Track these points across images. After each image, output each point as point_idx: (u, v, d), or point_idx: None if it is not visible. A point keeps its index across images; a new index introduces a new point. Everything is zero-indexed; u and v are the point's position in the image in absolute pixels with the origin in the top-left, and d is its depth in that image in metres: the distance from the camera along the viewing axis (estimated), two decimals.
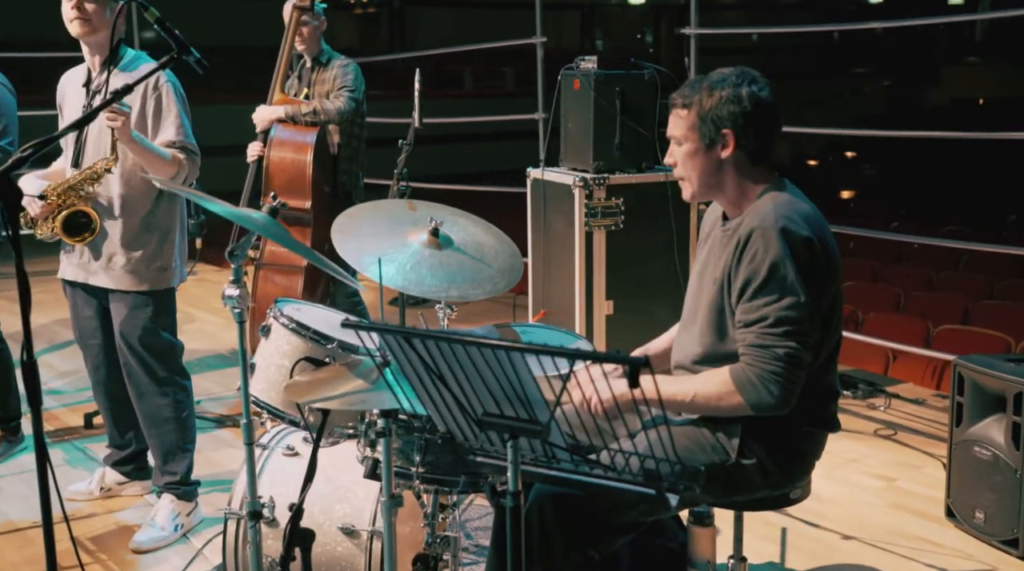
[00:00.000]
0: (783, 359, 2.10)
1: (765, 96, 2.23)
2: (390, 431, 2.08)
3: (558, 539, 2.13)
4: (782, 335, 2.11)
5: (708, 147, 2.24)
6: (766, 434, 2.21)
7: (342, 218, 2.76)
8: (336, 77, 4.60)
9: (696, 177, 2.28)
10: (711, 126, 2.21)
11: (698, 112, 2.23)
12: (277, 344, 2.57)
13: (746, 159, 2.24)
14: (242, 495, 2.69)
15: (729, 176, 2.26)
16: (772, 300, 2.12)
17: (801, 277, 2.11)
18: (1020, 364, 3.21)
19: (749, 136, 2.21)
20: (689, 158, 2.26)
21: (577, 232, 4.19)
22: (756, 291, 2.14)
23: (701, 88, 2.24)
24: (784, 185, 2.28)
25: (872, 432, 4.26)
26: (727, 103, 2.20)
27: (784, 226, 2.12)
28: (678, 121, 2.27)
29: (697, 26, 4.94)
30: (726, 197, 2.30)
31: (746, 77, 2.23)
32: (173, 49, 2.20)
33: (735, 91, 2.20)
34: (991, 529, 3.21)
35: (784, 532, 3.36)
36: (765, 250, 2.12)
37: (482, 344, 1.59)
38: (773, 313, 2.12)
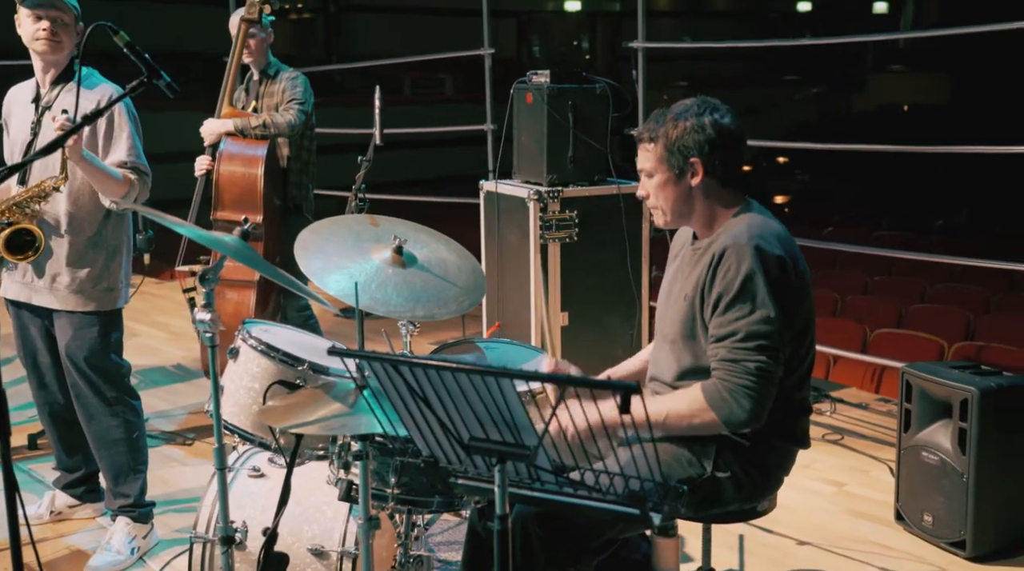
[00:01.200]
0: (754, 373, 2.15)
1: (727, 123, 2.29)
2: (367, 454, 2.08)
3: (540, 558, 2.15)
4: (753, 349, 2.16)
5: (678, 177, 2.30)
6: (739, 448, 2.26)
7: (305, 234, 2.73)
8: (285, 90, 4.56)
9: (669, 206, 2.34)
10: (679, 156, 2.28)
11: (665, 144, 2.29)
12: (246, 366, 2.54)
13: (716, 184, 2.31)
14: (208, 518, 2.67)
15: (700, 202, 2.32)
16: (744, 314, 2.17)
17: (773, 293, 2.16)
18: (964, 371, 3.33)
19: (716, 162, 2.28)
20: (661, 189, 2.33)
21: (532, 244, 4.22)
22: (728, 305, 2.19)
23: (665, 121, 2.31)
24: (754, 206, 2.34)
25: (820, 437, 4.37)
26: (692, 133, 2.27)
27: (757, 244, 2.18)
28: (646, 154, 2.34)
29: (645, 39, 5.01)
30: (698, 221, 2.36)
31: (707, 106, 2.31)
32: (143, 73, 2.17)
33: (698, 120, 2.27)
34: (939, 531, 3.32)
35: (741, 539, 3.43)
36: (738, 266, 2.18)
37: (472, 371, 1.61)
38: (744, 328, 2.17)
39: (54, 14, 3.11)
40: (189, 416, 4.83)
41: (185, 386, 5.32)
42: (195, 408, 4.93)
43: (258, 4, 4.49)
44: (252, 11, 4.49)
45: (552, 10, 21.39)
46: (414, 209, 5.01)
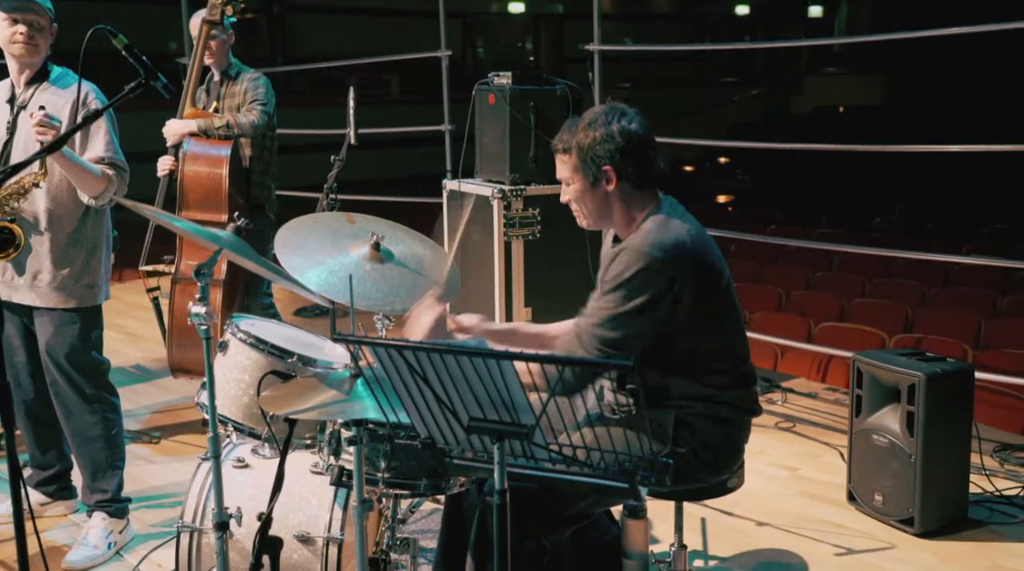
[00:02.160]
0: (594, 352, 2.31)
1: (635, 128, 2.40)
2: (361, 438, 2.17)
3: (513, 529, 2.25)
4: (599, 342, 2.31)
5: (593, 184, 2.42)
6: (695, 423, 2.40)
7: (284, 231, 2.81)
8: (247, 90, 4.61)
9: (589, 211, 2.48)
10: (592, 165, 2.40)
11: (578, 154, 2.41)
12: (236, 359, 2.61)
13: (630, 187, 2.43)
14: (194, 508, 2.73)
15: (617, 206, 2.45)
16: (608, 303, 2.32)
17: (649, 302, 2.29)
18: (911, 358, 3.53)
19: (628, 168, 2.39)
20: (580, 196, 2.46)
21: (496, 242, 4.33)
22: (611, 287, 2.33)
23: (577, 131, 2.42)
24: (671, 207, 2.46)
25: (773, 425, 4.56)
26: (602, 142, 2.37)
27: (650, 249, 2.31)
28: (562, 165, 2.47)
29: (600, 42, 5.16)
30: (617, 224, 2.50)
31: (615, 113, 2.41)
32: (140, 74, 2.23)
33: (607, 130, 2.38)
34: (889, 510, 3.51)
35: (703, 522, 3.59)
36: (631, 258, 2.32)
37: (475, 354, 1.72)
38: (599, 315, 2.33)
39: (31, 18, 3.14)
40: (152, 415, 4.85)
41: (146, 386, 5.33)
42: (158, 407, 4.96)
43: (220, 5, 4.53)
44: (214, 12, 4.53)
45: (496, 12, 21.51)
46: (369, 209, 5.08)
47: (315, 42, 16.92)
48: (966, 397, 3.49)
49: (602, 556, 2.89)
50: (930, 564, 3.27)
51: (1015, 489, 3.75)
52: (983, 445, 4.12)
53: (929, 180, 13.04)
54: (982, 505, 3.65)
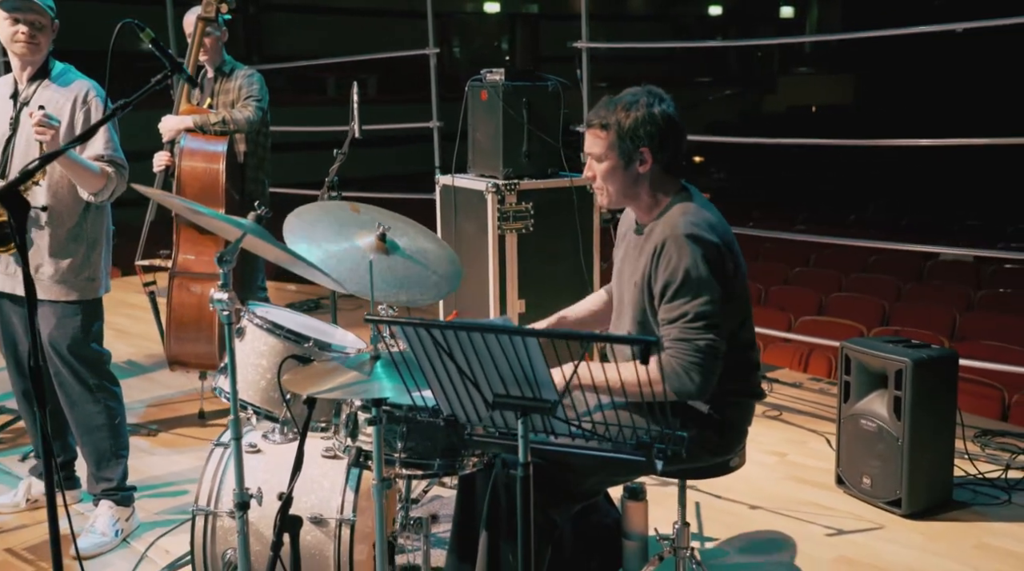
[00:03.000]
0: (704, 350, 2.36)
1: (673, 113, 2.47)
2: (381, 419, 2.24)
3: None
4: (702, 328, 2.36)
5: (627, 164, 2.47)
6: (703, 410, 2.49)
7: (292, 218, 2.87)
8: (241, 87, 4.66)
9: (615, 190, 2.51)
10: (630, 145, 2.44)
11: (617, 132, 2.45)
12: (253, 345, 2.67)
13: (660, 171, 2.49)
14: (209, 491, 2.79)
15: (644, 188, 2.50)
16: (689, 299, 2.37)
17: (712, 276, 2.37)
18: (898, 344, 3.64)
19: (664, 151, 2.46)
20: (609, 174, 2.49)
21: (490, 235, 4.41)
22: (675, 293, 2.38)
23: (617, 109, 2.46)
24: (691, 194, 2.54)
25: (761, 414, 4.67)
26: (644, 123, 2.43)
27: (693, 233, 2.38)
28: (596, 141, 2.49)
29: (588, 40, 5.26)
30: (640, 206, 2.54)
31: (656, 96, 2.47)
32: (166, 67, 2.29)
33: (648, 111, 2.43)
34: (877, 492, 3.63)
35: (698, 506, 3.69)
36: (679, 256, 2.37)
37: (501, 332, 1.80)
38: (692, 310, 2.36)
39: (32, 17, 3.18)
40: (148, 409, 4.89)
41: (139, 380, 5.36)
42: (153, 401, 4.99)
43: (215, 3, 4.58)
44: (209, 10, 4.58)
45: (472, 12, 21.58)
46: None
47: (291, 41, 16.92)
48: (951, 382, 3.61)
49: (603, 538, 2.99)
50: (919, 543, 3.39)
51: (997, 472, 3.89)
52: (965, 431, 4.26)
53: (902, 178, 13.28)
54: (966, 487, 3.77)
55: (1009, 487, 3.76)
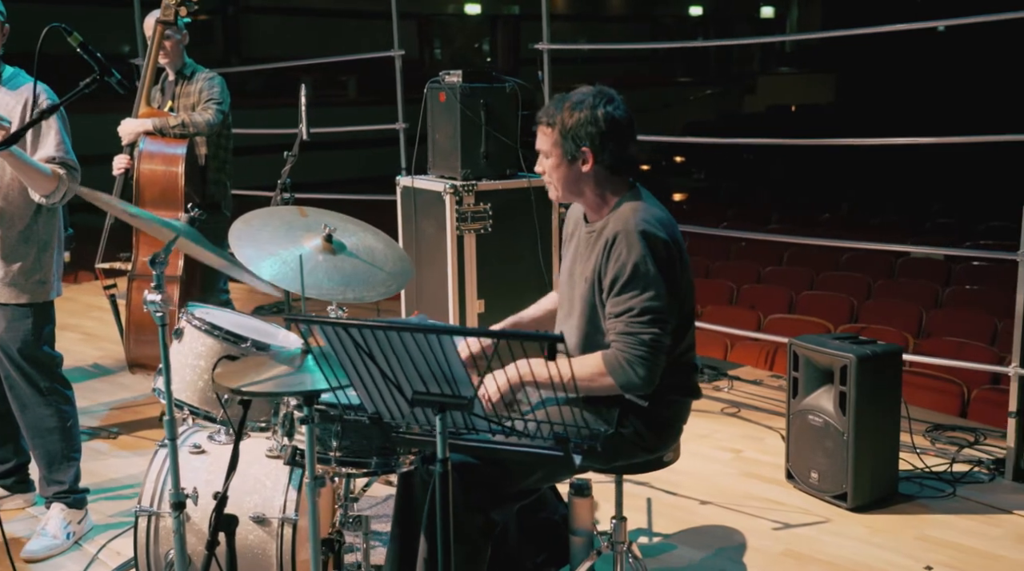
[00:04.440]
0: (648, 344, 2.40)
1: (620, 115, 2.51)
2: (313, 417, 2.27)
3: (460, 502, 2.36)
4: (646, 323, 2.40)
5: (570, 162, 2.52)
6: (640, 406, 2.52)
7: (238, 224, 2.90)
8: (202, 90, 4.67)
9: (560, 185, 2.57)
10: (572, 144, 2.49)
11: (560, 131, 2.50)
12: (191, 345, 2.69)
13: (604, 171, 2.53)
14: (152, 493, 2.81)
15: (589, 186, 2.55)
16: (636, 293, 2.41)
17: (660, 273, 2.41)
18: (844, 341, 3.69)
19: (606, 152, 2.50)
20: (554, 170, 2.55)
21: (449, 236, 4.45)
22: (623, 287, 2.42)
23: (563, 108, 2.51)
24: (640, 193, 2.58)
25: (719, 411, 4.72)
26: (585, 124, 2.47)
27: (644, 229, 2.43)
28: (543, 137, 2.55)
29: (550, 41, 5.30)
30: (587, 203, 2.59)
31: (603, 98, 2.51)
32: (95, 71, 2.31)
33: (592, 113, 2.47)
34: (824, 486, 3.67)
35: (649, 502, 3.73)
36: (628, 251, 2.42)
37: (416, 330, 1.83)
38: (638, 305, 2.41)
39: None
40: (110, 412, 4.90)
41: (103, 384, 5.37)
42: (116, 404, 5.00)
43: (173, 6, 4.59)
44: (168, 13, 4.59)
45: (453, 13, 21.61)
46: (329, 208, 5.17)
47: (270, 43, 16.92)
48: (895, 377, 3.66)
49: (550, 534, 3.02)
50: (862, 536, 3.44)
51: (943, 465, 3.94)
52: (919, 426, 4.32)
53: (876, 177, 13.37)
54: (913, 481, 3.83)
55: (954, 480, 3.81)
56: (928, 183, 12.55)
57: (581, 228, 2.65)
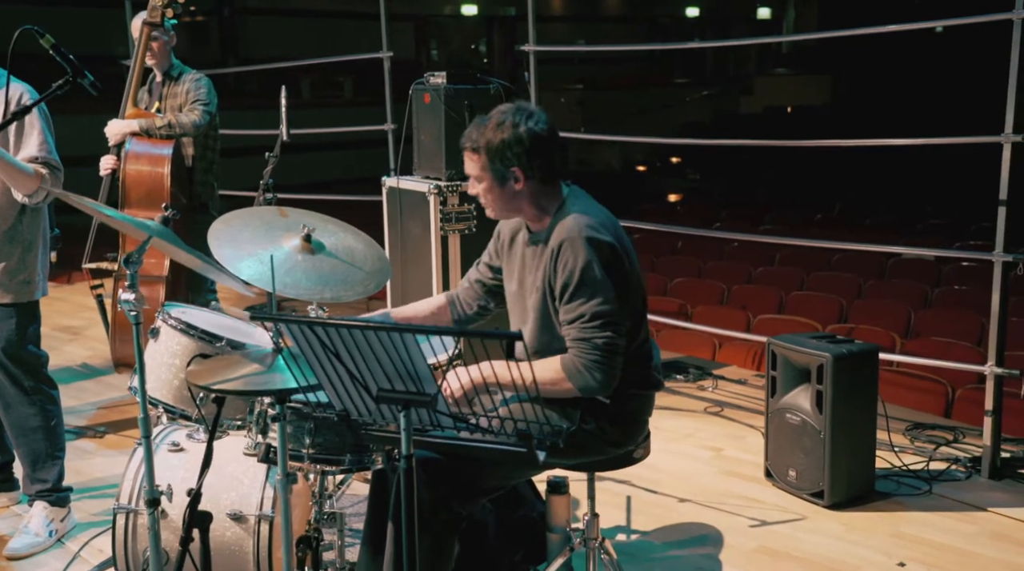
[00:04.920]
0: (602, 348, 2.44)
1: (541, 129, 2.52)
2: (284, 415, 2.30)
3: (425, 497, 2.39)
4: (599, 327, 2.44)
5: (502, 183, 2.54)
6: (602, 402, 2.55)
7: (217, 225, 2.93)
8: (189, 91, 4.71)
9: (496, 206, 2.60)
10: (500, 165, 2.51)
11: (487, 154, 2.52)
12: (167, 344, 2.72)
13: (537, 185, 2.56)
14: (130, 490, 2.84)
15: (525, 202, 2.58)
16: (586, 299, 2.45)
17: (608, 276, 2.45)
18: (821, 340, 3.72)
19: (535, 167, 2.52)
20: (488, 192, 2.58)
21: (433, 236, 4.48)
22: (572, 294, 2.47)
23: (485, 131, 2.52)
24: (578, 197, 2.61)
25: (702, 410, 4.75)
26: (511, 145, 2.49)
27: (588, 236, 2.46)
28: (471, 163, 2.57)
29: (535, 43, 5.32)
30: (527, 216, 2.63)
31: (523, 115, 2.53)
32: (68, 73, 2.34)
33: (514, 132, 2.49)
34: (802, 484, 3.70)
35: (628, 499, 3.76)
36: (575, 258, 2.45)
37: (378, 328, 1.86)
38: (589, 310, 2.45)
39: None
40: (98, 411, 4.92)
41: (92, 383, 5.39)
42: (104, 404, 5.03)
43: (160, 8, 4.63)
44: (154, 15, 4.62)
45: (449, 14, 21.64)
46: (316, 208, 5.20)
47: (267, 44, 16.94)
48: (871, 376, 3.69)
49: (528, 531, 3.05)
50: (837, 533, 3.47)
51: (921, 464, 3.97)
52: (899, 425, 4.35)
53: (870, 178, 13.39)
54: (890, 479, 3.86)
55: (931, 478, 3.84)
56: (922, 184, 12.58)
57: (522, 239, 2.68)
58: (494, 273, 2.81)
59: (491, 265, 2.82)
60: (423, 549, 2.40)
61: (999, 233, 3.78)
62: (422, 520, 2.39)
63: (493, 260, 2.81)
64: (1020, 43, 3.60)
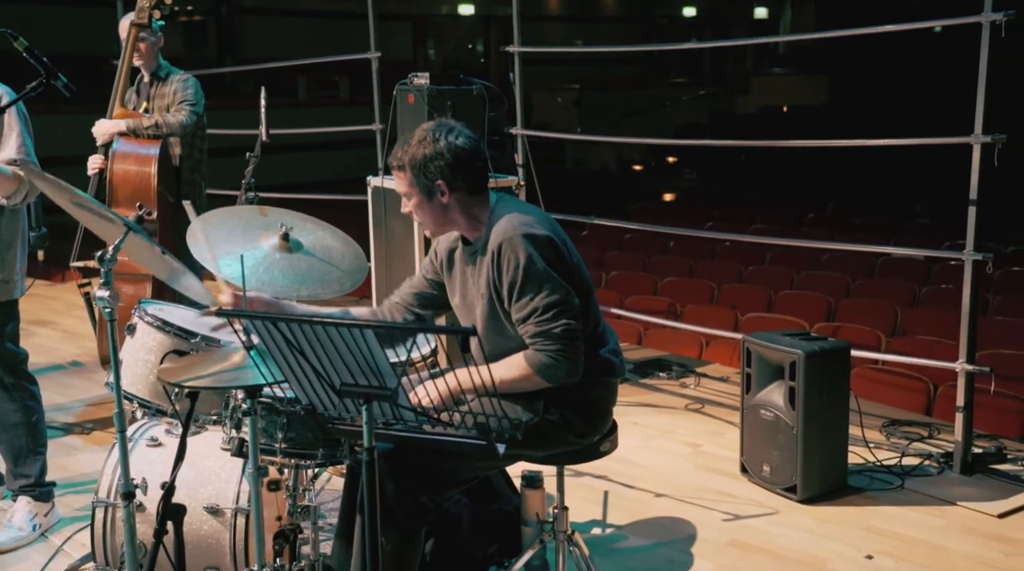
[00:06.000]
0: (561, 336, 2.50)
1: (462, 142, 2.58)
2: (255, 410, 2.35)
3: (390, 487, 2.45)
4: (553, 317, 2.51)
5: (429, 197, 2.60)
6: (562, 392, 2.60)
7: (196, 223, 2.98)
8: (176, 91, 4.75)
9: (430, 221, 2.66)
10: (425, 181, 2.57)
11: (412, 171, 2.58)
12: (143, 341, 2.78)
13: (465, 196, 2.61)
14: (109, 484, 2.90)
15: (456, 213, 2.63)
16: (534, 295, 2.51)
17: (551, 267, 2.52)
18: (795, 337, 3.78)
19: (459, 179, 2.58)
20: (418, 208, 2.64)
21: (416, 235, 4.53)
22: (520, 292, 2.53)
23: (409, 149, 2.58)
24: (507, 201, 2.67)
25: (683, 407, 4.81)
26: (433, 159, 2.55)
27: (524, 232, 2.52)
28: (399, 181, 2.63)
29: (520, 44, 5.38)
30: (461, 228, 2.68)
31: (443, 129, 2.59)
32: (41, 75, 2.40)
33: (435, 147, 2.55)
34: (775, 479, 3.76)
35: (606, 494, 3.81)
36: (516, 256, 2.51)
37: (338, 324, 1.91)
38: (541, 303, 2.51)
39: None
40: (86, 408, 4.98)
41: (81, 381, 5.44)
42: (92, 401, 5.08)
43: (147, 9, 4.67)
44: (142, 16, 4.67)
45: (446, 14, 21.69)
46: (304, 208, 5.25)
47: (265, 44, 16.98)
48: (843, 373, 3.75)
49: (503, 525, 3.10)
50: (808, 526, 3.52)
51: (895, 459, 4.02)
52: (875, 421, 4.41)
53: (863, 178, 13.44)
54: (863, 474, 3.91)
55: (904, 473, 3.90)
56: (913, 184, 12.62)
57: (459, 253, 2.73)
58: (432, 284, 2.82)
59: (427, 277, 2.83)
60: (390, 541, 2.45)
61: (969, 232, 3.83)
62: (388, 512, 2.45)
63: (429, 273, 2.83)
64: (989, 45, 3.65)
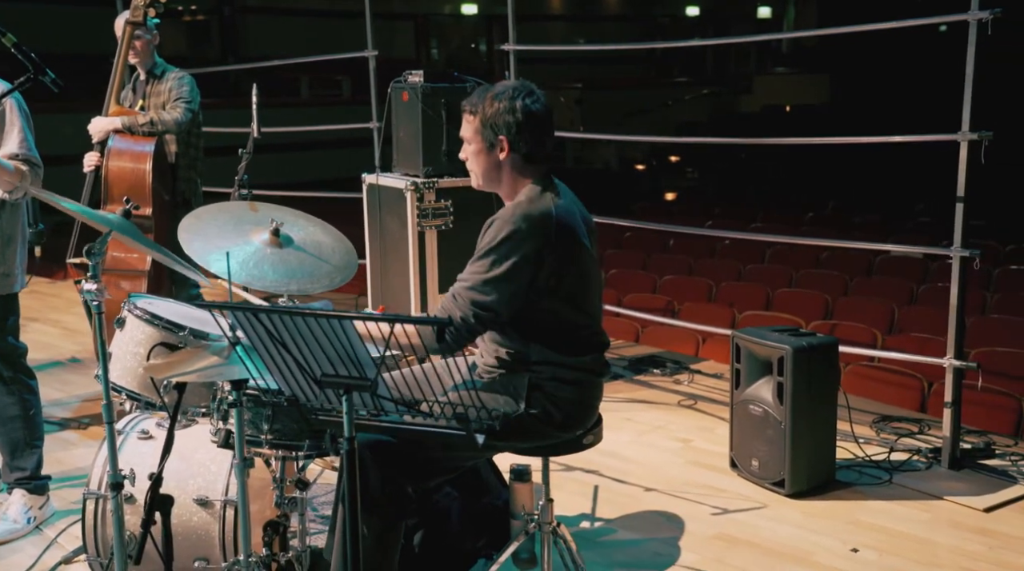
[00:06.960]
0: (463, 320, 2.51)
1: (537, 109, 2.64)
2: (241, 402, 2.38)
3: (374, 474, 2.48)
4: (467, 304, 2.52)
5: (489, 149, 2.67)
6: (547, 386, 2.63)
7: (188, 218, 3.02)
8: (172, 89, 4.79)
9: (480, 172, 2.73)
10: (490, 132, 2.64)
11: (481, 119, 2.65)
12: (132, 334, 2.81)
13: (520, 160, 2.66)
14: (100, 477, 2.93)
15: (506, 173, 2.69)
16: (482, 270, 2.55)
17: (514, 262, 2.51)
18: (783, 333, 3.80)
19: (521, 142, 2.63)
20: (475, 156, 2.71)
21: (410, 232, 4.56)
22: (479, 255, 2.58)
23: (485, 98, 2.66)
24: (547, 184, 2.68)
25: (676, 403, 4.83)
26: (503, 114, 2.62)
27: (526, 211, 2.55)
28: (467, 125, 2.70)
29: (515, 42, 5.40)
30: (503, 190, 2.74)
31: (523, 91, 2.65)
32: (29, 70, 2.43)
33: (510, 103, 2.62)
34: (764, 473, 3.78)
35: (596, 488, 3.84)
36: (499, 229, 2.56)
37: (318, 315, 1.94)
38: (473, 280, 2.54)
39: None
40: (83, 404, 5.01)
41: (79, 377, 5.48)
42: (89, 397, 5.12)
43: (142, 7, 4.71)
44: (137, 14, 4.70)
45: (449, 13, 21.73)
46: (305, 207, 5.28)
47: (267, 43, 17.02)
48: (831, 367, 3.77)
49: (492, 518, 3.12)
50: (796, 520, 3.54)
51: (884, 454, 4.04)
52: (865, 417, 4.43)
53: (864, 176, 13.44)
54: (852, 469, 3.93)
55: (892, 468, 3.92)
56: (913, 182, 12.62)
57: None
58: None
59: None
60: (372, 529, 2.48)
61: (957, 228, 3.85)
62: (371, 501, 2.48)
63: None
64: (975, 43, 3.67)
